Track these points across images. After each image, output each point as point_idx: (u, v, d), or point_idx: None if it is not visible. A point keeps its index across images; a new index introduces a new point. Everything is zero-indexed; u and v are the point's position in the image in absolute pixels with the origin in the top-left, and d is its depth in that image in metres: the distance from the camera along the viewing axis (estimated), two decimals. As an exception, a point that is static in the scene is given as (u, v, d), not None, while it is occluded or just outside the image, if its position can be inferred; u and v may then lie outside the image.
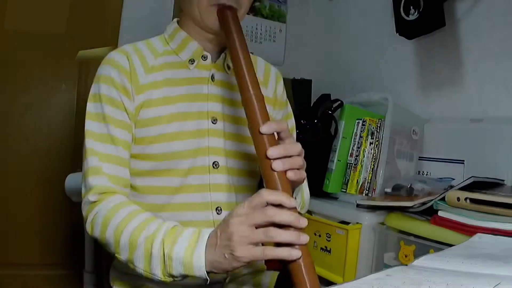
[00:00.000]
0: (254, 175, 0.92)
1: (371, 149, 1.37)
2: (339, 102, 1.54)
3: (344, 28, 1.89)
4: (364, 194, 1.35)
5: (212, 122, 0.85)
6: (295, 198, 0.82)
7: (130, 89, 0.80)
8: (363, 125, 1.40)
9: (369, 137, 1.39)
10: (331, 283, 1.23)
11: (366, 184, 1.36)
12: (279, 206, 0.60)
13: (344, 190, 1.40)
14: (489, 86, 1.32)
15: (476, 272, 0.58)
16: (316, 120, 1.51)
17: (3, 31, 1.60)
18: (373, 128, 1.38)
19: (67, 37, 1.67)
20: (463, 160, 1.31)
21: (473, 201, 0.95)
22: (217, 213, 0.83)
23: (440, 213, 1.01)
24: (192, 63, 0.86)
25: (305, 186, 0.92)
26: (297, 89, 1.86)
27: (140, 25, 1.62)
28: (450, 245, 0.86)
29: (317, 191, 1.43)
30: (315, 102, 1.65)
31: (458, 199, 0.98)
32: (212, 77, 0.87)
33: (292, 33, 2.03)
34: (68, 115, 1.68)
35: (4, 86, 1.61)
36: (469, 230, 0.92)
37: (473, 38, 1.36)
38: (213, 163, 0.84)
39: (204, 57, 0.87)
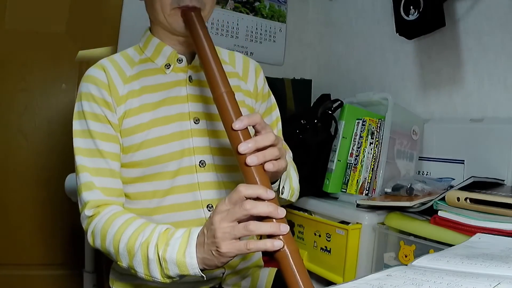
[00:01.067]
0: None
1: (371, 149, 1.37)
2: (339, 102, 1.54)
3: (344, 28, 1.89)
4: (364, 194, 1.35)
5: (195, 122, 0.86)
6: (283, 187, 0.83)
7: (111, 101, 0.82)
8: (363, 125, 1.40)
9: (369, 137, 1.39)
10: (331, 283, 1.23)
11: (366, 184, 1.36)
12: (258, 199, 0.61)
13: (344, 190, 1.40)
14: (489, 86, 1.32)
15: (476, 272, 0.58)
16: (316, 120, 1.51)
17: (3, 31, 1.60)
18: (373, 128, 1.38)
19: (67, 37, 1.67)
20: (463, 160, 1.31)
21: (473, 201, 0.95)
22: (209, 211, 0.84)
23: (440, 213, 1.01)
24: (168, 68, 0.87)
25: (292, 173, 0.92)
26: (297, 89, 1.86)
27: (140, 25, 1.61)
28: (450, 245, 0.86)
29: (317, 191, 1.43)
30: (315, 102, 1.65)
31: (458, 199, 0.98)
32: (190, 78, 0.88)
33: (292, 33, 2.03)
34: (68, 115, 1.67)
35: (4, 86, 1.61)
36: (469, 230, 0.92)
37: (473, 38, 1.36)
38: (200, 162, 0.85)
39: (179, 60, 0.88)
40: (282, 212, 0.61)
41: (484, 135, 1.27)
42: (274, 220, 0.61)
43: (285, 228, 0.60)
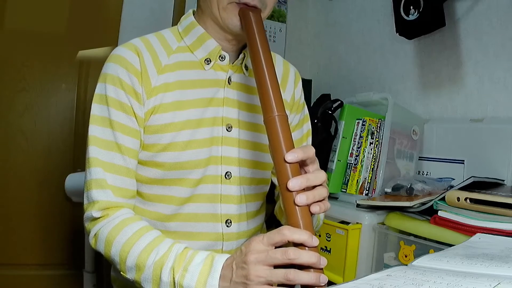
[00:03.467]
0: (266, 182, 0.89)
1: (371, 149, 1.37)
2: (339, 102, 1.54)
3: (344, 28, 1.89)
4: (364, 194, 1.35)
5: (227, 130, 0.80)
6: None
7: (140, 92, 0.73)
8: (363, 125, 1.40)
9: (369, 137, 1.39)
10: (331, 283, 1.22)
11: (366, 184, 1.36)
12: (301, 245, 0.58)
13: (344, 190, 1.40)
14: (489, 86, 1.32)
15: (476, 272, 0.58)
16: (316, 120, 1.51)
17: (3, 31, 1.60)
18: (373, 128, 1.38)
19: (67, 37, 1.67)
20: (463, 160, 1.31)
21: (473, 201, 0.95)
22: (227, 226, 0.80)
23: (440, 213, 1.01)
24: (208, 63, 0.79)
25: None
26: (297, 89, 1.85)
27: (140, 25, 1.62)
28: (450, 245, 0.86)
29: (317, 191, 1.43)
30: (315, 102, 1.65)
31: (458, 199, 0.98)
32: (229, 80, 0.81)
33: (292, 33, 2.03)
34: (68, 115, 1.68)
35: (4, 86, 1.61)
36: (469, 230, 0.92)
37: (473, 38, 1.36)
38: (226, 173, 0.80)
39: (222, 57, 0.79)
40: (324, 262, 0.58)
41: (484, 135, 1.27)
42: (312, 269, 0.57)
43: (324, 279, 0.57)
